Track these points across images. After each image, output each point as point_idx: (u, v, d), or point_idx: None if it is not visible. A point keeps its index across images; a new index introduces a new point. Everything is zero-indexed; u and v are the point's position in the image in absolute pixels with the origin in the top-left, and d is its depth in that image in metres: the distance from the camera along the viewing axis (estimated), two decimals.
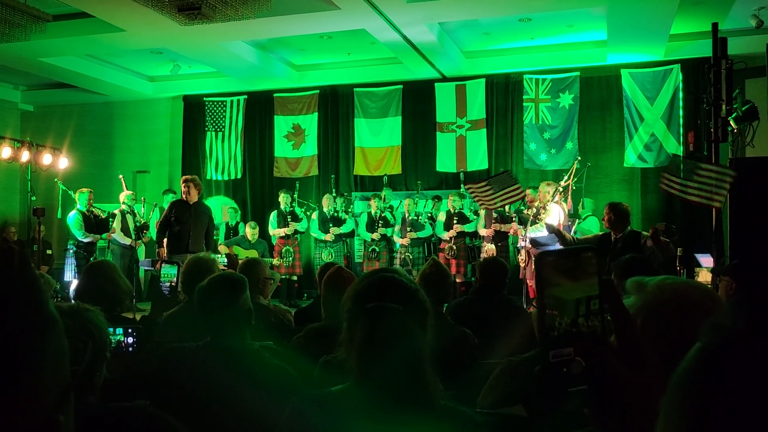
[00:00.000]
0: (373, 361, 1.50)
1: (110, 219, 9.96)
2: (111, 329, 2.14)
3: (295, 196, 11.22)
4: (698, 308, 1.41)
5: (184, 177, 8.70)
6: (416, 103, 12.03)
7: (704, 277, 7.82)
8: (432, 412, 1.51)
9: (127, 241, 10.07)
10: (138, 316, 5.17)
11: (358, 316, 1.54)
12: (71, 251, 9.71)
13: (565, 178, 9.10)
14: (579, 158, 9.64)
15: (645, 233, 5.86)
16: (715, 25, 6.19)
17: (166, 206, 11.59)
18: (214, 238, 11.48)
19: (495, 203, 7.75)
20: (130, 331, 2.05)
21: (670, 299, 1.42)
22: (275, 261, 10.63)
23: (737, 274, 3.71)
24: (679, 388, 0.74)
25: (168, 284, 3.85)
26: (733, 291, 3.72)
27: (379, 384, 1.49)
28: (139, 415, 1.76)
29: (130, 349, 2.03)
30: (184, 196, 8.26)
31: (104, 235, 9.87)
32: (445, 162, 11.80)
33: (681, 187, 5.57)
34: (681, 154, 9.77)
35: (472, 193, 7.85)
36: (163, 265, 4.07)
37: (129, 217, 10.27)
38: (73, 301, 4.14)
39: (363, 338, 1.51)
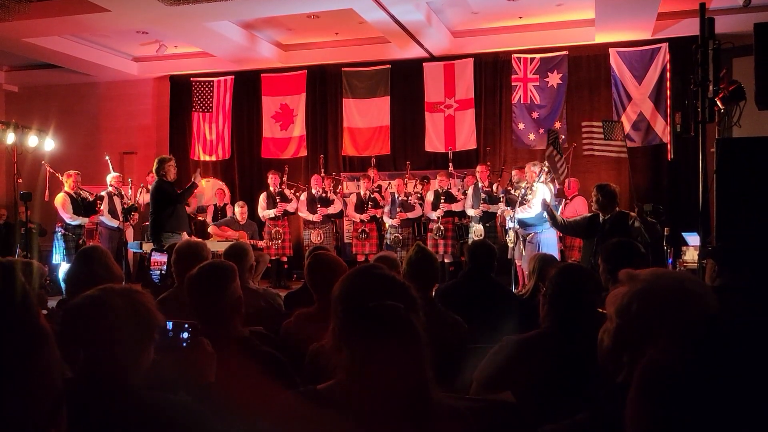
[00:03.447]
0: (380, 357, 1.49)
1: (98, 201, 9.90)
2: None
3: (284, 178, 11.20)
4: (692, 294, 1.45)
5: (171, 157, 8.64)
6: (404, 82, 11.98)
7: (691, 255, 7.90)
8: (427, 406, 1.51)
9: (115, 223, 10.03)
10: None
11: (358, 315, 1.53)
12: (59, 234, 9.66)
13: None
14: (563, 137, 9.65)
15: (633, 214, 5.90)
16: (702, 5, 6.16)
17: (151, 187, 11.54)
18: (204, 220, 11.49)
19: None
20: (186, 326, 2.08)
21: (666, 283, 1.47)
22: (263, 243, 10.62)
23: (720, 258, 3.75)
24: (639, 395, 0.82)
25: (158, 272, 3.84)
26: (717, 273, 3.76)
27: (382, 377, 1.48)
28: (183, 409, 1.80)
29: (184, 344, 2.08)
30: (172, 176, 8.26)
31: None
32: (434, 142, 11.79)
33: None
34: (668, 139, 9.84)
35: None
36: (153, 252, 4.06)
37: (116, 199, 10.22)
38: (63, 285, 4.15)
39: (368, 337, 1.49)
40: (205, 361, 2.17)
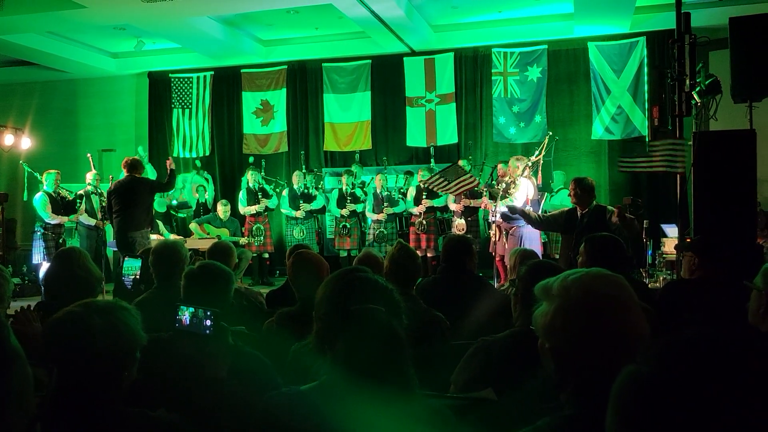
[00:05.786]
0: (361, 360, 1.50)
1: (77, 200, 9.80)
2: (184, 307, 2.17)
3: (262, 173, 11.16)
4: (605, 298, 1.44)
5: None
6: (385, 77, 11.98)
7: (670, 246, 7.98)
8: (409, 406, 1.53)
9: (92, 222, 9.93)
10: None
11: (341, 318, 1.54)
12: (39, 233, 9.56)
13: (536, 153, 9.15)
14: (550, 133, 9.68)
15: (610, 208, 5.93)
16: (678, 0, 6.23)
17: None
18: (184, 217, 11.42)
19: (450, 191, 8.68)
20: (208, 314, 2.08)
21: (576, 296, 1.45)
22: (244, 240, 10.56)
23: (699, 250, 3.80)
24: (613, 406, 0.84)
25: (131, 277, 3.80)
26: (696, 266, 3.81)
27: (364, 380, 1.50)
28: (162, 425, 1.80)
29: (207, 332, 2.08)
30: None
31: (71, 216, 9.72)
32: (415, 136, 11.81)
33: (643, 162, 5.72)
34: (646, 132, 9.96)
35: (429, 186, 8.92)
36: (125, 258, 4.03)
37: (94, 198, 10.11)
38: (42, 287, 4.10)
39: (350, 340, 1.50)
40: (226, 355, 2.17)
